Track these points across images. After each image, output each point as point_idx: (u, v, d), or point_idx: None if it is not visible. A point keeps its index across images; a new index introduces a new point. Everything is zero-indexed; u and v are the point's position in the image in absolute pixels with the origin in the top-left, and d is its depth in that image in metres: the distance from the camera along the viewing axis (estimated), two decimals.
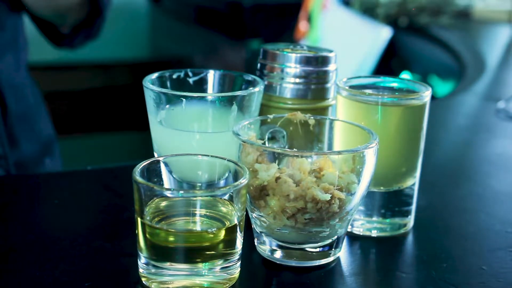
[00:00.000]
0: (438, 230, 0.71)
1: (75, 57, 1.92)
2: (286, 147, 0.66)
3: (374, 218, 0.68)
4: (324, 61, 0.70)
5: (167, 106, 0.65)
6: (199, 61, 2.41)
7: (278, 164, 0.58)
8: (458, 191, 0.83)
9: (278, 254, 0.61)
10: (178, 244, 0.54)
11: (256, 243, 0.63)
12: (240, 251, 0.57)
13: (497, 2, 2.18)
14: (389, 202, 0.67)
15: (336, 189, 0.57)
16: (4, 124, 0.97)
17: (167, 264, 0.54)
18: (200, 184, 0.61)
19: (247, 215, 0.59)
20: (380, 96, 0.65)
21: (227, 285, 0.56)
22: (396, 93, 0.69)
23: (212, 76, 0.72)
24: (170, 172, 0.61)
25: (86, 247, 0.63)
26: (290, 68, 0.69)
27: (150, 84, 0.66)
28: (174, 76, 0.71)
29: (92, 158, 2.33)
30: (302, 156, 0.58)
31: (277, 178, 0.57)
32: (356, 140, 0.62)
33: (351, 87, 0.68)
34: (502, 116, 1.13)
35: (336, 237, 0.61)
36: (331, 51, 0.71)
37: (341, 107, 0.68)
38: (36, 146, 1.05)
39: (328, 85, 0.71)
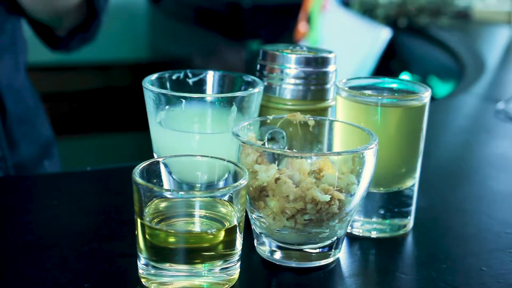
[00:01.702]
0: (438, 231, 0.71)
1: (74, 58, 1.92)
2: (286, 148, 0.66)
3: (374, 219, 0.68)
4: (324, 62, 0.70)
5: (167, 107, 0.65)
6: (199, 62, 2.41)
7: (278, 165, 0.58)
8: (458, 192, 0.83)
9: (278, 255, 0.61)
10: (177, 245, 0.54)
11: (255, 244, 0.63)
12: (240, 252, 0.57)
13: (497, 3, 2.18)
14: (388, 203, 0.67)
15: (336, 190, 0.57)
16: (3, 126, 0.97)
17: (167, 265, 0.54)
18: (199, 185, 0.61)
19: (246, 216, 0.59)
20: (379, 97, 0.65)
21: (227, 286, 0.56)
22: (396, 94, 0.69)
23: (211, 77, 0.72)
24: (170, 173, 0.61)
25: (86, 248, 0.63)
26: (290, 69, 0.69)
27: (149, 85, 0.66)
28: (174, 77, 0.71)
29: (92, 159, 2.33)
30: (301, 157, 0.58)
31: (277, 179, 0.57)
32: (355, 141, 0.62)
33: (351, 88, 0.68)
34: (501, 117, 1.13)
35: (335, 238, 0.61)
36: (330, 52, 0.71)
37: (340, 108, 0.68)
38: (35, 148, 1.05)
39: (328, 86, 0.71)
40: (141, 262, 0.56)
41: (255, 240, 0.62)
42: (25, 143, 1.02)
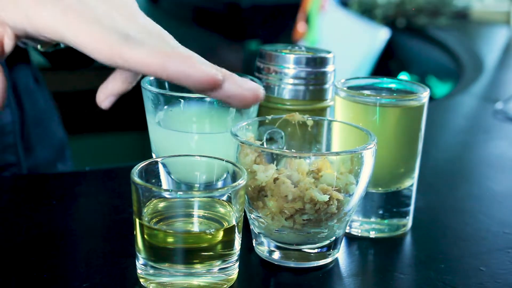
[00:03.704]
0: (436, 231, 0.71)
1: None
2: (284, 148, 0.66)
3: (372, 219, 0.68)
4: (322, 62, 0.70)
5: (165, 107, 0.65)
6: None
7: (276, 165, 0.58)
8: (456, 192, 0.83)
9: (276, 255, 0.61)
10: (176, 245, 0.54)
11: (254, 244, 0.63)
12: (238, 252, 0.57)
13: (495, 3, 2.18)
14: (387, 203, 0.67)
15: (334, 190, 0.57)
16: (22, 131, 0.96)
17: (166, 265, 0.54)
18: (198, 185, 0.61)
19: (245, 216, 0.59)
20: (378, 97, 0.65)
21: (225, 286, 0.56)
22: (394, 94, 0.69)
23: None
24: (169, 173, 0.61)
25: (84, 248, 0.63)
26: (288, 69, 0.69)
27: (148, 85, 0.66)
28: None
29: (90, 158, 2.33)
30: (300, 157, 0.58)
31: (275, 179, 0.57)
32: (354, 141, 0.62)
33: (349, 88, 0.68)
34: (500, 117, 1.13)
35: (334, 238, 0.61)
36: (329, 52, 0.71)
37: (339, 108, 0.68)
38: (49, 151, 1.03)
39: (326, 86, 0.71)
40: (140, 262, 0.56)
41: (254, 240, 0.62)
42: (40, 146, 1.01)
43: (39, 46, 0.61)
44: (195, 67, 0.48)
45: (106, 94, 0.54)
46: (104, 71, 0.56)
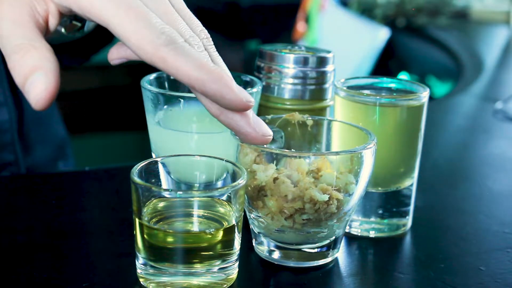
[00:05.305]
0: (436, 231, 0.71)
1: None
2: (284, 147, 0.66)
3: (372, 219, 0.68)
4: (322, 61, 0.70)
5: (165, 106, 0.65)
6: None
7: (276, 165, 0.58)
8: (456, 191, 0.83)
9: (276, 254, 0.61)
10: (176, 245, 0.54)
11: (254, 244, 0.63)
12: (238, 252, 0.57)
13: (495, 2, 2.18)
14: (387, 202, 0.67)
15: (334, 189, 0.57)
16: (21, 129, 0.95)
17: (165, 265, 0.54)
18: (198, 185, 0.61)
19: (245, 215, 0.59)
20: (378, 97, 0.65)
21: (225, 285, 0.56)
22: (394, 94, 0.69)
23: None
24: (168, 172, 0.61)
25: (84, 248, 0.63)
26: (288, 68, 0.69)
27: (148, 84, 0.66)
28: (172, 77, 0.70)
29: (90, 158, 2.33)
30: (300, 157, 0.58)
31: (275, 179, 0.57)
32: (354, 141, 0.62)
33: (349, 87, 0.68)
34: (500, 116, 1.13)
35: (334, 237, 0.61)
36: (329, 52, 0.71)
37: (339, 107, 0.68)
38: (50, 150, 1.03)
39: (326, 85, 0.71)
40: (140, 262, 0.56)
41: (254, 239, 0.62)
42: (40, 145, 1.00)
43: (63, 30, 0.61)
44: (231, 89, 0.49)
45: (120, 55, 0.54)
46: (105, 71, 0.56)
